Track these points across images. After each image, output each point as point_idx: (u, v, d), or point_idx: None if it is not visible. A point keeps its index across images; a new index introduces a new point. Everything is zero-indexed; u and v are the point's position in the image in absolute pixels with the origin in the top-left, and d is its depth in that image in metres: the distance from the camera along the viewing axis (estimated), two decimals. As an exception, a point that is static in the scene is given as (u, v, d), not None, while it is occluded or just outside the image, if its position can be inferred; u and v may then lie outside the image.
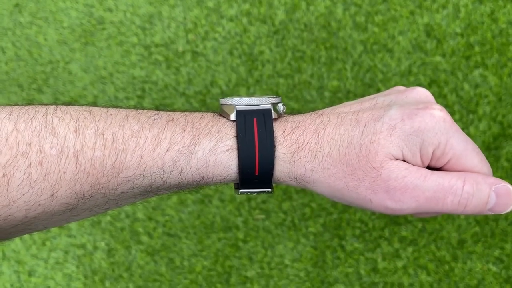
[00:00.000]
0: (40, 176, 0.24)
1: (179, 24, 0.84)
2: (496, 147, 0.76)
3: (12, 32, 0.88)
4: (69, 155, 0.25)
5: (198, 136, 0.26)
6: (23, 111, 0.24)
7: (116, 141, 0.25)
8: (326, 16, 0.80)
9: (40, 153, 0.24)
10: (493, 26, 0.77)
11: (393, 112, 0.26)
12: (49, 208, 0.25)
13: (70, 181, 0.25)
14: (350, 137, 0.26)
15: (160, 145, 0.26)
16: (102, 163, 0.25)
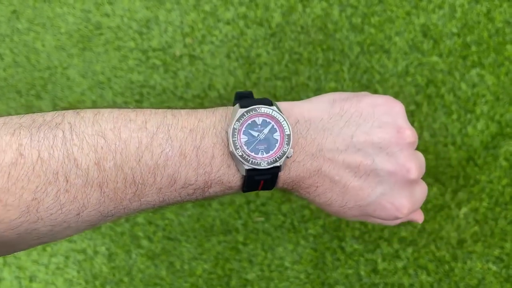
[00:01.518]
0: (67, 201, 0.26)
1: (176, 28, 0.84)
2: (494, 146, 0.76)
3: (10, 39, 0.88)
4: (94, 185, 0.27)
5: (210, 182, 0.29)
6: (42, 136, 0.26)
7: (135, 176, 0.27)
8: (322, 18, 0.80)
9: (66, 183, 0.26)
10: (490, 26, 0.77)
11: (380, 199, 0.33)
12: (74, 224, 0.28)
13: (95, 204, 0.27)
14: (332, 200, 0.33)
15: (176, 183, 0.29)
16: (124, 192, 0.28)
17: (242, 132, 0.29)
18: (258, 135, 0.30)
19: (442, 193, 0.77)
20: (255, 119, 0.30)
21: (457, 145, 0.77)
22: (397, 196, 0.32)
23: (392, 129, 0.31)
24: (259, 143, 0.30)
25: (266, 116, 0.30)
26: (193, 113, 0.30)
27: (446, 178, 0.77)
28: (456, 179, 0.77)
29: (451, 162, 0.77)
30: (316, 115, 0.31)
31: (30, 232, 0.27)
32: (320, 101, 0.33)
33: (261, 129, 0.30)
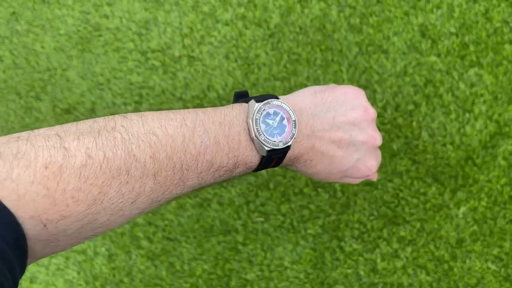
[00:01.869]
0: (127, 191, 0.31)
1: (175, 29, 0.84)
2: (492, 145, 0.76)
3: (9, 40, 0.88)
4: (149, 175, 0.32)
5: (237, 164, 0.37)
6: (104, 139, 0.31)
7: (182, 163, 0.33)
8: (320, 18, 0.81)
9: (127, 175, 0.31)
10: (488, 25, 0.77)
11: (357, 157, 0.43)
12: (128, 212, 0.33)
13: (148, 192, 0.32)
14: (326, 168, 0.42)
15: (212, 167, 0.35)
16: (172, 178, 0.33)
17: (261, 121, 0.37)
18: (272, 122, 0.38)
19: (441, 193, 0.77)
20: (269, 110, 0.37)
21: (455, 145, 0.77)
22: (368, 159, 0.43)
23: (361, 109, 0.42)
24: (274, 129, 0.37)
25: (276, 107, 0.38)
26: (218, 110, 0.37)
27: (444, 177, 0.77)
28: (454, 179, 0.77)
29: (449, 162, 0.77)
30: (305, 104, 0.40)
31: (91, 223, 0.31)
32: (305, 94, 0.42)
33: (274, 117, 0.38)
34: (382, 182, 0.78)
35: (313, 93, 0.42)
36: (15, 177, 0.27)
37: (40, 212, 0.28)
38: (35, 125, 0.86)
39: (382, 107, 0.78)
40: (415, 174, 0.78)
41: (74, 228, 0.30)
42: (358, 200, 0.79)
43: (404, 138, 0.78)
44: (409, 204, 0.78)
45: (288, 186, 0.80)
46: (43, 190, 0.28)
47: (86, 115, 0.85)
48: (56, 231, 0.29)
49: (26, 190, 0.27)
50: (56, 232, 0.29)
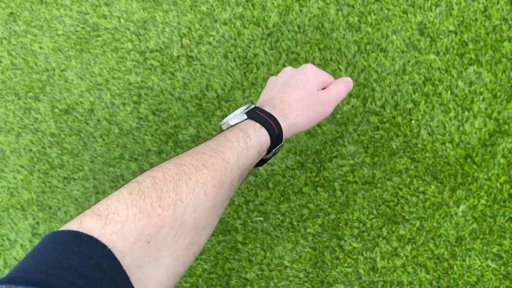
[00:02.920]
0: (194, 184, 0.38)
1: (173, 29, 0.84)
2: (492, 143, 0.76)
3: (7, 41, 0.88)
4: (199, 166, 0.40)
5: (247, 146, 0.46)
6: (159, 167, 0.39)
7: (215, 151, 0.43)
8: (319, 17, 0.80)
9: (186, 174, 0.39)
10: (487, 23, 0.77)
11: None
12: (206, 204, 0.38)
13: (209, 179, 0.39)
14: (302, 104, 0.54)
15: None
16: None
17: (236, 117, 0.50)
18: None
19: (440, 191, 0.77)
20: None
21: (455, 143, 0.77)
22: (321, 76, 0.58)
23: (281, 72, 0.59)
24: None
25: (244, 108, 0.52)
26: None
27: (444, 176, 0.77)
28: (454, 177, 0.77)
29: (449, 160, 0.77)
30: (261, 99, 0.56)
31: (182, 226, 0.36)
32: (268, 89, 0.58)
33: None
34: (381, 181, 0.78)
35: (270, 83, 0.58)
36: (114, 209, 0.33)
37: (142, 230, 0.33)
38: (34, 126, 0.86)
39: (381, 105, 0.78)
40: (414, 172, 0.78)
41: (172, 236, 0.35)
42: (358, 199, 0.79)
43: (403, 137, 0.78)
44: (409, 202, 0.78)
45: (287, 186, 0.80)
46: (137, 210, 0.34)
47: (85, 115, 0.85)
48: (159, 244, 0.34)
49: (125, 216, 0.33)
50: (160, 245, 0.34)
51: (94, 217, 0.33)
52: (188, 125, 0.82)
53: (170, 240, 0.35)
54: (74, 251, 0.30)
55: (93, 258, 0.30)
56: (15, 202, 0.85)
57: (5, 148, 0.86)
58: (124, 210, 0.33)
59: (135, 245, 0.33)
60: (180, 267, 0.37)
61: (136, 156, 0.83)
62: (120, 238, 0.32)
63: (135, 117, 0.84)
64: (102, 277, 0.30)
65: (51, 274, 0.29)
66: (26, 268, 0.30)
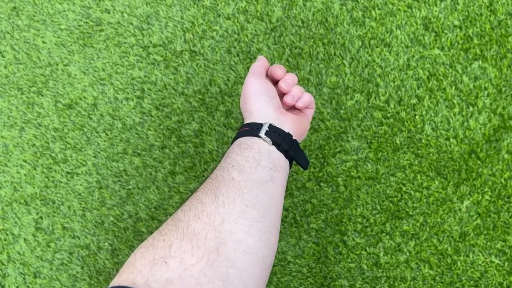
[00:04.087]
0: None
1: (177, 23, 0.84)
2: (496, 139, 0.76)
3: (10, 36, 0.88)
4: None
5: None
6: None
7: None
8: (323, 12, 0.80)
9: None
10: (492, 18, 0.76)
11: None
12: None
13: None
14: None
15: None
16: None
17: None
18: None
19: (444, 187, 0.77)
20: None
21: (459, 139, 0.76)
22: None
23: None
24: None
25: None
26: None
27: (448, 171, 0.77)
28: (458, 173, 0.76)
29: (453, 156, 0.77)
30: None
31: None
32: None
33: None
34: (385, 176, 0.78)
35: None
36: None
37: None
38: (37, 121, 0.86)
39: (385, 101, 0.78)
40: (418, 168, 0.77)
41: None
42: (361, 194, 0.78)
43: (407, 132, 0.78)
44: (412, 198, 0.77)
45: (291, 181, 0.80)
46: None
47: (88, 110, 0.85)
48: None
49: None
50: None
51: None
52: (191, 120, 0.82)
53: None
54: None
55: None
56: (19, 197, 0.85)
57: (8, 143, 0.86)
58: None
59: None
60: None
61: (139, 151, 0.83)
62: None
63: (138, 112, 0.84)
64: None
65: None
66: None
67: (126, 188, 0.83)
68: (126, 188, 0.83)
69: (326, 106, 0.79)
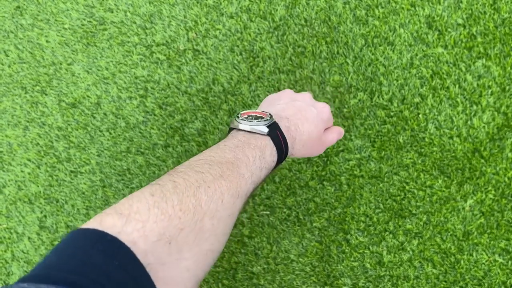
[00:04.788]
0: (213, 192, 0.39)
1: (180, 22, 0.84)
2: (500, 138, 0.76)
3: (14, 35, 0.88)
4: (218, 177, 0.41)
5: (274, 165, 0.49)
6: (174, 171, 0.40)
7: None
8: (326, 10, 0.80)
9: (205, 182, 0.39)
10: (496, 16, 0.76)
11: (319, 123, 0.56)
12: (223, 212, 0.39)
13: (225, 190, 0.40)
14: (309, 137, 0.54)
15: (267, 173, 0.48)
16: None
17: (244, 119, 0.50)
18: (252, 117, 0.50)
19: (448, 186, 0.77)
20: (245, 115, 0.51)
21: (462, 137, 0.76)
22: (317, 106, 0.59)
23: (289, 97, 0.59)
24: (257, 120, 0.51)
25: (245, 113, 0.51)
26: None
27: (451, 170, 0.76)
28: (461, 171, 0.76)
29: (456, 154, 0.76)
30: (277, 109, 0.55)
31: (201, 231, 0.37)
32: (272, 104, 0.57)
33: (251, 116, 0.51)
34: (388, 175, 0.78)
35: (272, 100, 0.58)
36: (135, 209, 0.34)
37: (163, 230, 0.34)
38: (41, 120, 0.86)
39: (388, 99, 0.78)
40: (421, 166, 0.77)
41: (191, 239, 0.36)
42: (364, 193, 0.78)
43: (411, 131, 0.77)
44: (416, 197, 0.77)
45: (294, 180, 0.80)
46: (158, 211, 0.34)
47: (91, 109, 0.85)
48: (179, 246, 0.35)
49: (146, 216, 0.34)
50: (180, 246, 0.35)
51: (115, 215, 0.33)
52: (194, 119, 0.82)
53: (191, 242, 0.36)
54: (98, 250, 0.31)
55: (116, 258, 0.31)
56: (23, 195, 0.85)
57: (12, 142, 0.87)
58: (146, 211, 0.34)
59: (156, 245, 0.33)
60: (200, 272, 0.37)
61: (143, 149, 0.84)
62: (142, 236, 0.32)
63: (141, 111, 0.84)
64: (125, 277, 0.30)
65: (74, 272, 0.29)
66: (49, 265, 0.30)
67: (129, 187, 0.83)
68: (129, 187, 0.83)
69: (329, 104, 0.79)
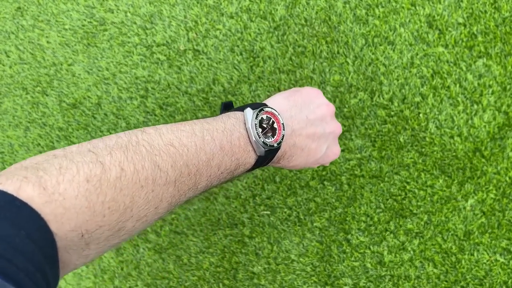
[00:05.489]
0: (152, 198, 0.35)
1: (180, 23, 0.84)
2: (501, 137, 0.75)
3: (15, 36, 0.88)
4: (170, 182, 0.36)
5: (238, 165, 0.41)
6: (132, 152, 0.34)
7: (196, 170, 0.38)
8: (326, 10, 0.80)
9: (153, 184, 0.34)
10: (496, 15, 0.76)
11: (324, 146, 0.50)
12: (150, 218, 0.36)
13: (169, 197, 0.36)
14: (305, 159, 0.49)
15: (219, 170, 0.40)
16: (188, 183, 0.37)
17: (259, 125, 0.41)
18: (267, 126, 0.42)
19: (449, 185, 0.76)
20: (263, 116, 0.42)
21: (463, 137, 0.76)
22: (334, 146, 0.51)
23: (324, 106, 0.49)
24: (268, 132, 0.42)
25: (269, 113, 0.43)
26: (218, 119, 0.41)
27: (452, 170, 0.76)
28: (462, 171, 0.76)
29: (457, 154, 0.76)
30: (283, 108, 0.46)
31: (119, 230, 0.34)
32: (279, 99, 0.47)
33: (267, 122, 0.42)
34: (388, 175, 0.78)
35: (285, 97, 0.48)
36: (62, 191, 0.30)
37: (81, 223, 0.31)
38: (42, 120, 0.86)
39: (388, 99, 0.78)
40: (422, 166, 0.77)
41: (105, 236, 0.33)
42: (365, 193, 0.78)
43: (411, 130, 0.77)
44: (416, 196, 0.77)
45: (294, 180, 0.80)
46: (85, 203, 0.31)
47: (92, 109, 0.85)
48: (90, 240, 0.32)
49: (71, 203, 0.30)
50: (90, 241, 0.32)
51: (38, 188, 0.29)
52: (194, 119, 0.83)
53: (103, 239, 0.33)
54: (5, 217, 0.27)
55: (24, 228, 0.28)
56: (24, 196, 0.86)
57: (13, 142, 0.87)
58: (73, 198, 0.30)
59: (69, 234, 0.30)
60: (97, 257, 0.36)
61: (143, 150, 0.84)
62: (58, 222, 0.29)
63: (142, 111, 0.84)
64: (33, 250, 0.27)
65: None
66: None
67: (130, 187, 0.83)
68: (130, 187, 0.83)
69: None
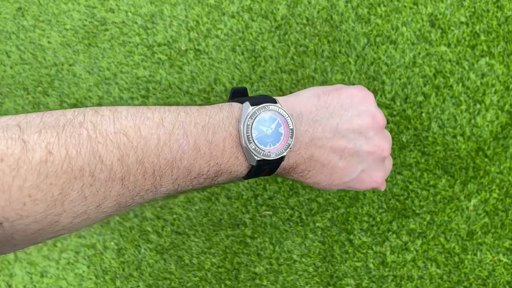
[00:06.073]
0: (91, 194, 0.29)
1: (181, 22, 0.84)
2: (504, 136, 0.75)
3: (16, 36, 0.88)
4: (116, 179, 0.29)
5: (220, 172, 0.33)
6: (68, 134, 0.28)
7: (155, 169, 0.30)
8: (328, 9, 0.80)
9: (91, 178, 0.28)
10: (499, 14, 0.76)
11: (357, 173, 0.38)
12: (93, 216, 0.30)
13: (115, 196, 0.30)
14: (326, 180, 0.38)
15: (190, 174, 0.32)
16: (143, 184, 0.30)
17: (253, 127, 0.33)
18: (266, 129, 0.33)
19: (451, 185, 0.76)
20: (264, 115, 0.33)
21: (466, 136, 0.76)
22: (374, 171, 0.39)
23: (368, 116, 0.37)
24: (267, 137, 0.33)
25: (273, 112, 0.34)
26: (203, 110, 0.33)
27: (455, 169, 0.76)
28: (465, 171, 0.76)
29: (460, 153, 0.76)
30: (306, 108, 0.36)
31: (52, 224, 0.29)
32: (307, 96, 0.37)
33: (269, 124, 0.33)
34: (391, 175, 0.77)
35: (316, 95, 0.37)
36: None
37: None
38: (43, 121, 0.86)
39: (391, 98, 0.78)
40: (424, 166, 0.77)
41: (33, 229, 0.28)
42: (367, 192, 0.78)
43: (414, 130, 0.77)
44: (419, 196, 0.77)
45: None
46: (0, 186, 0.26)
47: (93, 110, 0.85)
48: (13, 230, 0.28)
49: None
50: (13, 231, 0.28)
51: None
52: (196, 119, 0.82)
53: (31, 232, 0.28)
54: None
55: None
56: (25, 197, 0.86)
57: (14, 143, 0.87)
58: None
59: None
60: (31, 246, 0.31)
61: (145, 150, 0.83)
62: None
63: (143, 111, 0.84)
64: None
65: None
66: None
67: (131, 188, 0.83)
68: (131, 188, 0.83)
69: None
